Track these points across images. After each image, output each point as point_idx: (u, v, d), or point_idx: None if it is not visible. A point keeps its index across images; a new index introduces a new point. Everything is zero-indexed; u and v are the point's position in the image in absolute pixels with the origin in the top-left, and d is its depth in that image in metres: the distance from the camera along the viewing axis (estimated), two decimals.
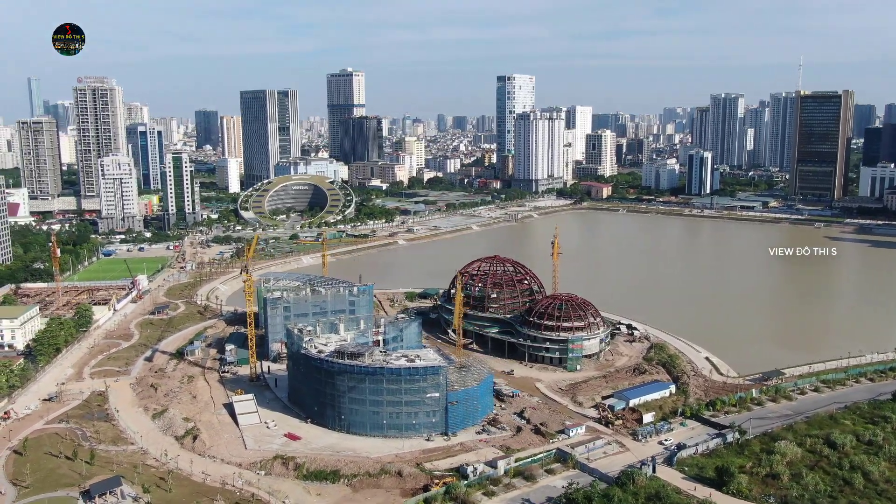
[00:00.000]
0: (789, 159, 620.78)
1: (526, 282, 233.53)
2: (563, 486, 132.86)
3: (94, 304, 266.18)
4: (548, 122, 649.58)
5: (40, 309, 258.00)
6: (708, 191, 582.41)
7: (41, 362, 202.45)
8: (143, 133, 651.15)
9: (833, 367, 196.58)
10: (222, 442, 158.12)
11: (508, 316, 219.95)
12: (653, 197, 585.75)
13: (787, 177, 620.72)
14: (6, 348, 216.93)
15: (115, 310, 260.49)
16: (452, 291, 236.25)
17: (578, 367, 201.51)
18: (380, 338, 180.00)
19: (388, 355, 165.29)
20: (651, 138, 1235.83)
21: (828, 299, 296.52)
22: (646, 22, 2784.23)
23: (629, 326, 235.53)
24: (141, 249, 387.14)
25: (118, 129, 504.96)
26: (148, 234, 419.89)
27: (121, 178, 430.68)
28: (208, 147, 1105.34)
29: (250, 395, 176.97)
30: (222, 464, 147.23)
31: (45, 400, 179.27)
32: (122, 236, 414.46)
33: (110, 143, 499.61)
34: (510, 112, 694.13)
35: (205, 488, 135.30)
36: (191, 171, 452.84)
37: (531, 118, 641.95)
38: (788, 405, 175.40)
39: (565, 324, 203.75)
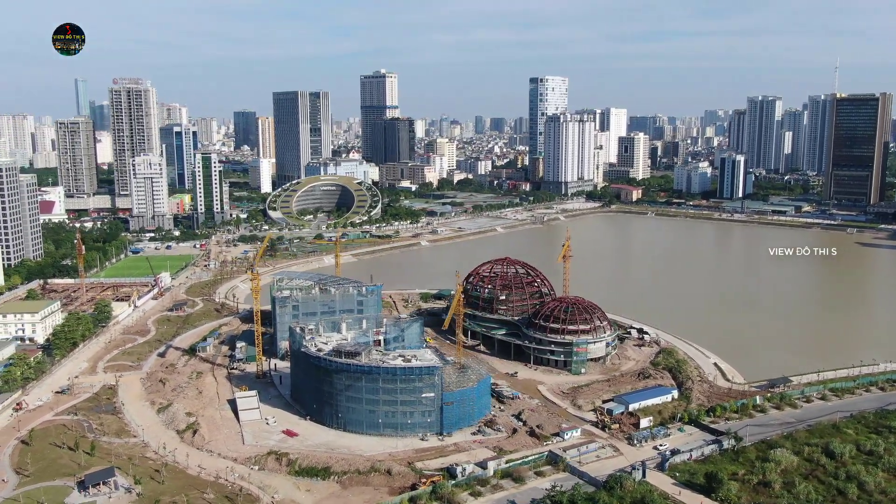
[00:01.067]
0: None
1: (536, 284, 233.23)
2: (544, 489, 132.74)
3: (118, 300, 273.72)
4: (578, 124, 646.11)
5: (65, 304, 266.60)
6: (740, 195, 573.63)
7: (57, 356, 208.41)
8: (179, 133, 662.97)
9: (844, 376, 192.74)
10: (221, 437, 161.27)
11: (516, 318, 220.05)
12: (683, 200, 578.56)
13: (823, 181, 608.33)
14: (27, 341, 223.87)
15: (135, 306, 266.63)
16: (466, 292, 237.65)
17: (583, 370, 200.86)
18: (381, 337, 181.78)
19: (385, 355, 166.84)
20: (689, 141, 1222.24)
21: (850, 306, 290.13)
22: (689, 23, 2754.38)
23: (640, 331, 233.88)
24: (168, 247, 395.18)
25: (152, 129, 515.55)
26: (177, 233, 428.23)
27: (151, 178, 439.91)
28: (246, 148, 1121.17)
29: (253, 392, 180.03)
30: (219, 458, 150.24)
31: (57, 392, 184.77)
32: (152, 234, 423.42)
33: (144, 143, 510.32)
34: (542, 114, 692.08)
35: (198, 481, 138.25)
36: (219, 171, 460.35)
37: (561, 120, 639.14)
38: (792, 413, 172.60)
39: (570, 327, 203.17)
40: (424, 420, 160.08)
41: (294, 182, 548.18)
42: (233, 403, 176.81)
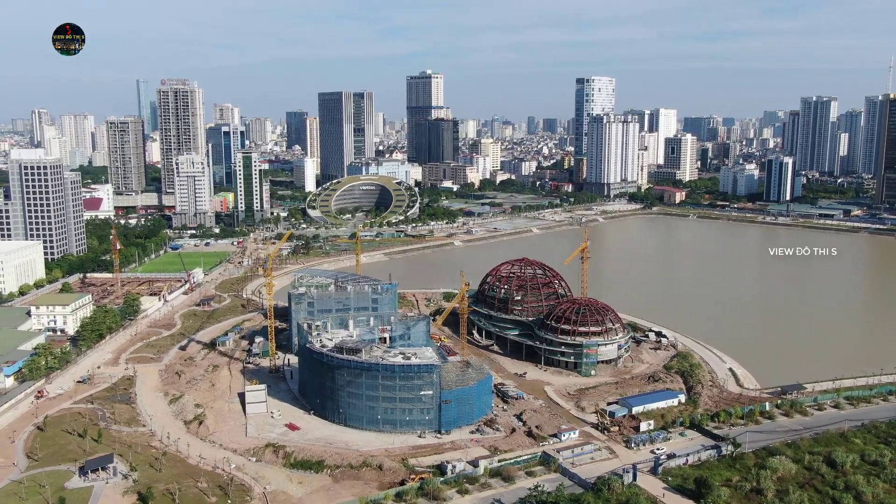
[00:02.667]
0: None
1: (553, 285, 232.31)
2: (528, 489, 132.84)
3: (151, 294, 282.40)
4: (622, 124, 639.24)
5: (101, 297, 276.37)
6: (788, 197, 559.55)
7: (83, 347, 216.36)
8: (227, 133, 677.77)
9: (862, 384, 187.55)
10: (226, 428, 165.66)
11: (530, 319, 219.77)
12: (727, 203, 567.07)
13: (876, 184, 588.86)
14: (58, 333, 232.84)
15: (165, 300, 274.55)
16: (483, 292, 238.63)
17: (593, 372, 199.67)
18: (386, 335, 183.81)
19: (387, 352, 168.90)
20: (744, 143, 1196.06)
21: (880, 313, 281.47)
22: (752, 22, 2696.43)
23: (658, 334, 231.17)
24: (207, 244, 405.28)
25: (198, 128, 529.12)
26: (216, 230, 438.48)
27: (194, 176, 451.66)
28: (297, 147, 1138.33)
29: (262, 386, 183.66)
30: (220, 449, 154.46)
31: (78, 382, 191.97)
32: (193, 231, 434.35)
33: (190, 142, 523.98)
34: (588, 115, 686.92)
35: (195, 470, 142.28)
36: (260, 171, 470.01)
37: (604, 121, 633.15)
38: (801, 420, 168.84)
39: (581, 328, 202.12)
40: (423, 417, 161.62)
41: (334, 182, 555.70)
42: (242, 397, 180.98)
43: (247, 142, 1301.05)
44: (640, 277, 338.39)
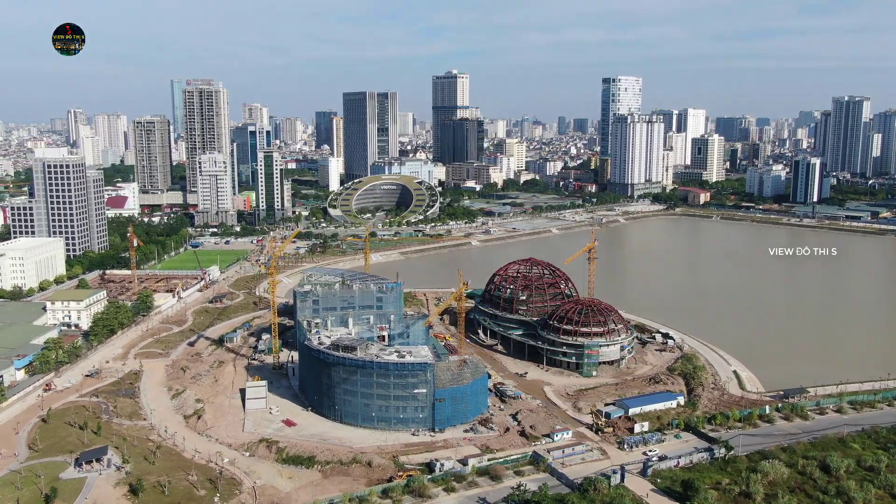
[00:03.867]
0: None
1: (559, 285, 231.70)
2: (511, 488, 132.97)
3: (168, 291, 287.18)
4: (646, 125, 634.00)
5: (119, 294, 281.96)
6: (815, 199, 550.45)
7: (94, 342, 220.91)
8: (253, 133, 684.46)
9: (868, 389, 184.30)
10: (224, 423, 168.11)
11: (534, 319, 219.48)
12: (752, 204, 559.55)
13: None
14: (73, 328, 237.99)
15: (179, 297, 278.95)
16: (489, 291, 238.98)
17: (594, 373, 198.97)
18: (385, 333, 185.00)
19: (383, 350, 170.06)
20: (777, 143, 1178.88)
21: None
22: (792, 20, 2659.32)
23: (665, 335, 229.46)
24: (227, 242, 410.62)
25: (222, 128, 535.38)
26: (237, 228, 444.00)
27: (216, 175, 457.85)
28: (325, 147, 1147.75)
29: (263, 382, 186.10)
30: (216, 443, 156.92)
31: (86, 375, 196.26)
32: (214, 229, 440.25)
33: (214, 141, 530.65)
34: (613, 114, 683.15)
35: (187, 463, 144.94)
36: (281, 170, 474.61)
37: (628, 121, 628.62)
38: (801, 424, 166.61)
39: (583, 329, 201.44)
40: (417, 415, 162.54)
41: (355, 181, 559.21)
42: (244, 392, 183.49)
43: (276, 140, 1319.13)
44: (653, 278, 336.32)
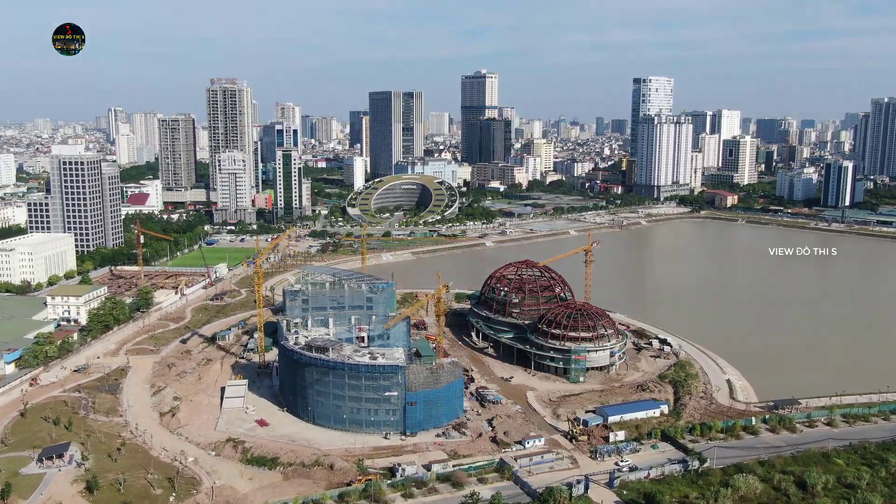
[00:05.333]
0: None
1: (554, 288, 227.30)
2: (463, 496, 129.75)
3: (174, 287, 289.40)
4: (674, 125, 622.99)
5: (127, 289, 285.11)
6: (846, 203, 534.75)
7: (88, 337, 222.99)
8: (280, 131, 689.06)
9: (864, 402, 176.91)
10: (198, 422, 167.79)
11: (526, 322, 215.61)
12: (781, 208, 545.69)
13: None
14: (72, 322, 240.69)
15: (182, 294, 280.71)
16: (484, 294, 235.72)
17: (581, 378, 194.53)
18: (364, 334, 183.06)
19: (356, 351, 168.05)
20: (818, 146, 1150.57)
21: None
22: (843, 21, 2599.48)
23: (662, 341, 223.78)
24: (242, 240, 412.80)
25: (245, 126, 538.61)
26: (254, 227, 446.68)
27: (235, 173, 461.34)
28: (358, 146, 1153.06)
29: (244, 381, 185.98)
30: (185, 441, 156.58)
31: (74, 371, 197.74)
32: (232, 227, 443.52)
33: (237, 140, 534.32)
34: (644, 115, 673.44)
35: (150, 461, 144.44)
36: (299, 168, 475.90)
37: (655, 122, 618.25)
38: (786, 437, 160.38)
39: (572, 333, 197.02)
40: (389, 418, 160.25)
41: (376, 180, 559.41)
42: (224, 391, 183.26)
43: (312, 139, 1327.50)
44: (663, 281, 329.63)
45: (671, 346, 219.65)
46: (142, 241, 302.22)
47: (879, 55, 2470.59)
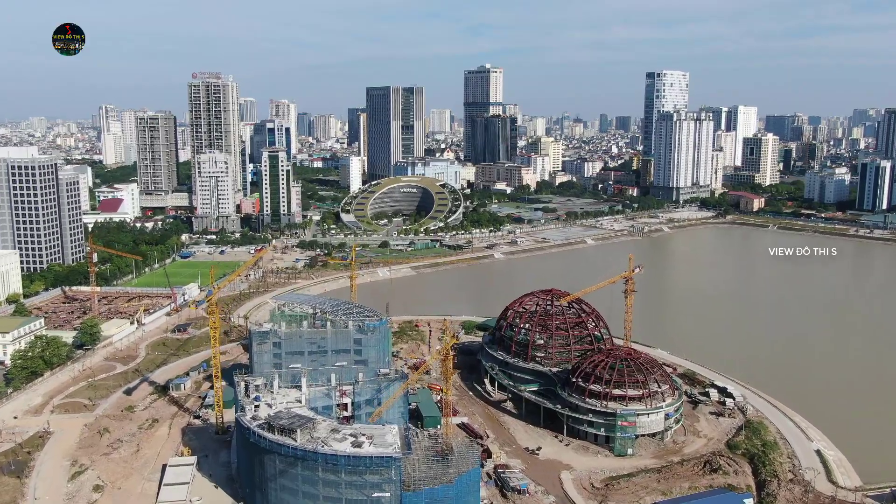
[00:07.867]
0: None
1: (587, 325, 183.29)
2: None
3: (142, 312, 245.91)
4: (694, 123, 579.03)
5: (82, 314, 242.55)
6: (884, 206, 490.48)
7: (11, 388, 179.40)
8: (272, 130, 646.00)
9: None
10: None
11: (554, 370, 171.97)
12: (814, 212, 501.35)
13: None
14: None
15: (140, 324, 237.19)
16: (500, 329, 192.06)
17: (630, 450, 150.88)
18: (347, 400, 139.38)
19: (335, 431, 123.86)
20: (831, 143, 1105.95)
21: None
22: (847, 18, 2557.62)
23: (722, 390, 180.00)
24: (222, 252, 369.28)
25: (230, 125, 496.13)
26: (237, 236, 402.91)
27: (217, 176, 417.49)
28: (356, 144, 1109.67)
29: (192, 459, 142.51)
30: None
31: None
32: (213, 236, 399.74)
33: (221, 139, 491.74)
34: (658, 112, 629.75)
35: None
36: (287, 171, 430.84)
37: (674, 119, 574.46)
38: None
39: (616, 391, 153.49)
40: None
41: (373, 183, 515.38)
42: (164, 472, 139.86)
43: (309, 138, 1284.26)
44: (704, 309, 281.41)
45: (734, 399, 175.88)
46: (94, 259, 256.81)
47: (882, 52, 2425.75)
